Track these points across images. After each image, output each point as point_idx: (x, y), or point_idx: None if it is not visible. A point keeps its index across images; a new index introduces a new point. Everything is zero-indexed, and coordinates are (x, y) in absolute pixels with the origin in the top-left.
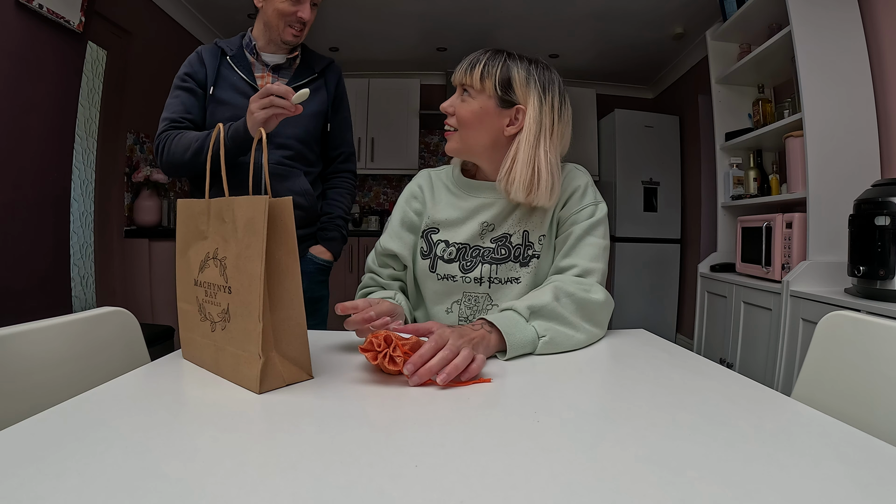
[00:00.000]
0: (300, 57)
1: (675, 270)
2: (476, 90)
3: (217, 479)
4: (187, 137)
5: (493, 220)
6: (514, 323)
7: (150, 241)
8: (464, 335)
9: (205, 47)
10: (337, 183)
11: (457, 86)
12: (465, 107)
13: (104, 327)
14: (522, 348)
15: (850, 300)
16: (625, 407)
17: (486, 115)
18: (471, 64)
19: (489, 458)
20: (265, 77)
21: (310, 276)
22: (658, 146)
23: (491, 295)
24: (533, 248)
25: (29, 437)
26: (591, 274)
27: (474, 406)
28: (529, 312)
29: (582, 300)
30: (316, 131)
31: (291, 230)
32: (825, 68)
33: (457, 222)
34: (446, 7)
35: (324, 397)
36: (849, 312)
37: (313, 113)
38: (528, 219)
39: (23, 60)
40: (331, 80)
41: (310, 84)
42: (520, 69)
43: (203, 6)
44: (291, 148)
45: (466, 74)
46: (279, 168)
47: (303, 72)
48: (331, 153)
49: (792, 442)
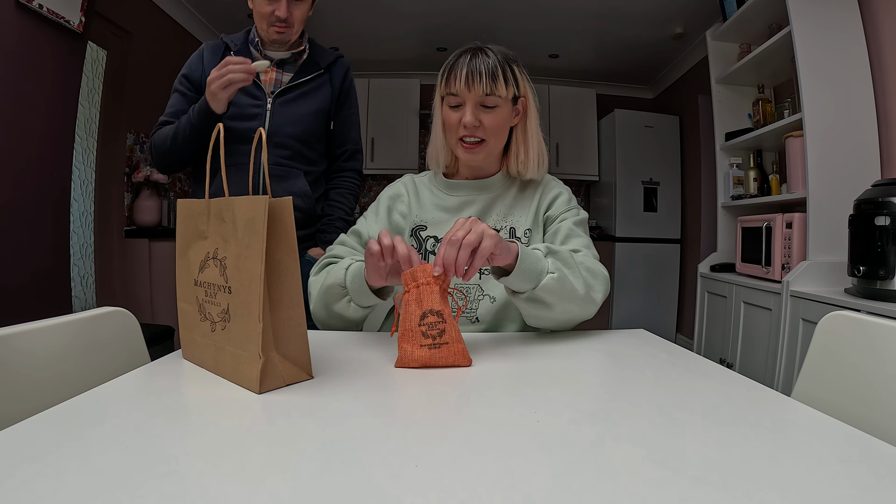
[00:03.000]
0: (307, 52)
1: (675, 270)
2: (503, 99)
3: (217, 479)
4: (165, 129)
5: (477, 215)
6: (531, 250)
7: (150, 241)
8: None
9: (208, 44)
10: (339, 183)
11: (471, 98)
12: (495, 118)
13: (104, 327)
14: (531, 274)
15: (850, 300)
16: (625, 407)
17: (509, 117)
18: (490, 76)
19: (489, 458)
20: (269, 72)
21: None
22: (658, 146)
23: (482, 286)
24: (519, 241)
25: (29, 436)
26: (592, 257)
27: (474, 406)
28: (547, 251)
29: (592, 266)
30: (317, 129)
31: (291, 230)
32: (825, 68)
33: (443, 219)
34: (446, 7)
35: (324, 397)
36: (849, 312)
37: (314, 111)
38: (510, 214)
39: (23, 60)
40: (336, 75)
41: (315, 80)
42: (513, 64)
43: (203, 6)
44: (289, 147)
45: (493, 86)
46: (277, 168)
47: (308, 67)
48: (334, 151)
49: (792, 442)
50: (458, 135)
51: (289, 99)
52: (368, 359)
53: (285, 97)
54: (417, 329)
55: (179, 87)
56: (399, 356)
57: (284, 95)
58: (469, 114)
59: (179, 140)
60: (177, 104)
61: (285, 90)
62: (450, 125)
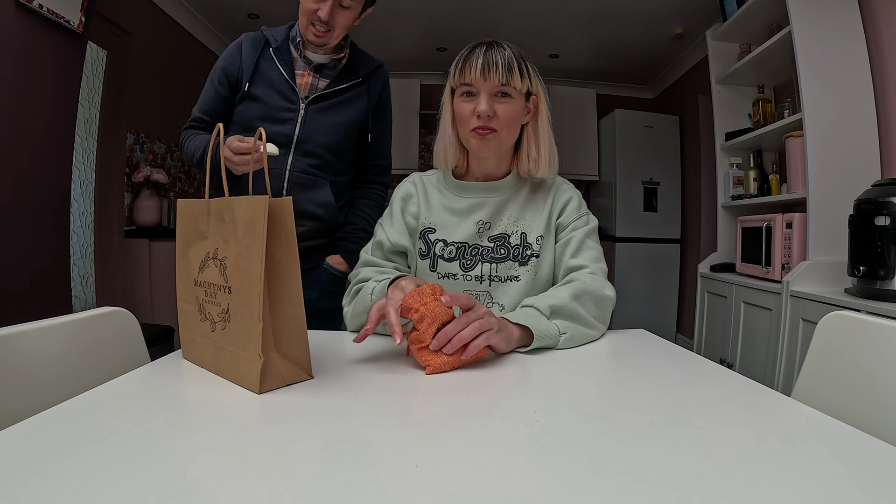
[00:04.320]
0: (347, 58)
1: (675, 270)
2: (517, 91)
3: (217, 479)
4: (196, 142)
5: (488, 219)
6: (538, 318)
7: (150, 241)
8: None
9: (248, 35)
10: (366, 193)
11: (486, 88)
12: (510, 109)
13: (104, 327)
14: (543, 343)
15: (850, 300)
16: (625, 407)
17: (522, 111)
18: (507, 67)
19: (489, 458)
20: (305, 76)
21: (323, 287)
22: (658, 146)
23: (491, 293)
24: (531, 248)
25: (29, 437)
26: (601, 272)
27: (474, 406)
28: (550, 311)
29: (599, 297)
30: (350, 141)
31: (291, 230)
32: (825, 68)
33: (452, 223)
34: (446, 7)
35: (324, 397)
36: (849, 312)
37: (350, 122)
38: (521, 218)
39: (23, 60)
40: (375, 85)
41: (352, 89)
42: (526, 60)
43: (203, 6)
44: (319, 157)
45: (509, 77)
46: (303, 177)
47: (346, 74)
48: (366, 163)
49: (792, 442)
50: (472, 126)
51: (323, 107)
52: (368, 359)
53: (320, 104)
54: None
55: (215, 80)
56: (428, 367)
57: (319, 103)
58: (484, 102)
59: (205, 167)
60: (209, 100)
61: (320, 97)
62: (462, 117)
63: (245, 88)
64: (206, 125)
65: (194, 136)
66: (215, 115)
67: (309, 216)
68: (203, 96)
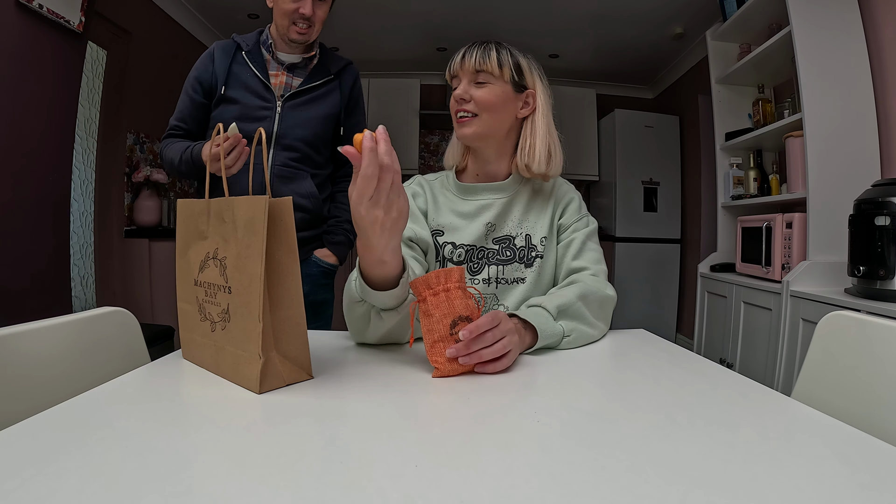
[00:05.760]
0: (317, 57)
1: (675, 270)
2: (495, 76)
3: (217, 479)
4: (174, 148)
5: (495, 220)
6: (546, 319)
7: (150, 241)
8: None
9: (219, 43)
10: (345, 187)
11: (465, 74)
12: (486, 92)
13: (104, 327)
14: (548, 342)
15: (850, 300)
16: (625, 407)
17: (507, 100)
18: (483, 53)
19: (489, 458)
20: (280, 75)
21: (313, 280)
22: (658, 146)
23: (498, 295)
24: (536, 249)
25: (29, 437)
26: (602, 273)
27: (474, 406)
28: (558, 311)
29: (602, 297)
30: (326, 134)
31: (291, 230)
32: (825, 68)
33: (461, 225)
34: (446, 7)
35: (324, 397)
36: (849, 312)
37: (323, 115)
38: (526, 220)
39: (23, 60)
40: (346, 81)
41: (325, 85)
42: (520, 56)
43: (203, 6)
44: (298, 150)
45: (484, 62)
46: (284, 170)
47: (318, 72)
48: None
49: (792, 442)
50: (454, 110)
51: (299, 103)
52: (368, 359)
53: (295, 101)
54: (450, 338)
55: (189, 89)
56: (437, 370)
57: (295, 99)
58: (460, 88)
59: (184, 170)
60: (185, 109)
61: (296, 93)
62: (451, 107)
63: (221, 92)
64: (182, 132)
65: (170, 144)
66: (192, 122)
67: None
68: (178, 105)
